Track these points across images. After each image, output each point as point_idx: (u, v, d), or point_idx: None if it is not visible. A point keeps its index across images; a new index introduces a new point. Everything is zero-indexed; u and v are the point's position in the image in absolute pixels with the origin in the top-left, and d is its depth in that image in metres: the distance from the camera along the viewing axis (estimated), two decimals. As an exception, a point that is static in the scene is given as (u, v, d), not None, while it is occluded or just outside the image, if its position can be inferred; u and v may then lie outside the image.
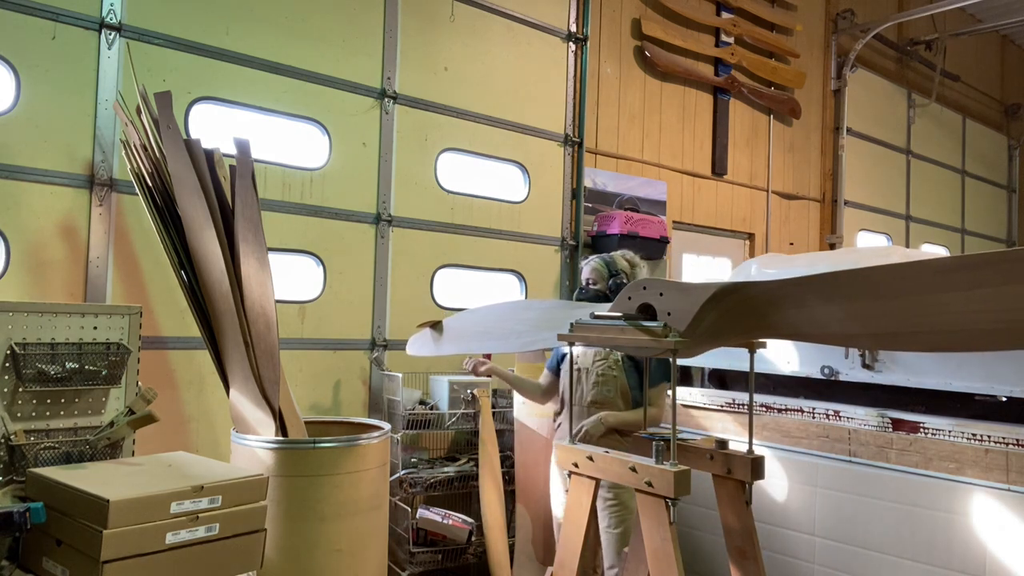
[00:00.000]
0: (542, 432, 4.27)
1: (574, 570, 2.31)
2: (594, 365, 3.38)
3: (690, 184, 6.45)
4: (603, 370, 3.35)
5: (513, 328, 2.72)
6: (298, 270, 4.28)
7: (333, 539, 3.05)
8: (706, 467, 2.26)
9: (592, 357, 3.38)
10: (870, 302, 1.79)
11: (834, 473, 3.64)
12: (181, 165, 3.08)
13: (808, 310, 1.88)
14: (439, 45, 4.85)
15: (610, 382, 3.33)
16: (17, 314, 2.74)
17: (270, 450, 3.03)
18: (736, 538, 2.21)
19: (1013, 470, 3.25)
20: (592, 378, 3.36)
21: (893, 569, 3.57)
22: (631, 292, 2.15)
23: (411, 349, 3.35)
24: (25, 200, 3.40)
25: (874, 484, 3.66)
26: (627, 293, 2.16)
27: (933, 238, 9.23)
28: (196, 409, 3.81)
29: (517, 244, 5.19)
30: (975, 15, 9.31)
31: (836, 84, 7.79)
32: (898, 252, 4.01)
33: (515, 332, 2.68)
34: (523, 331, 2.65)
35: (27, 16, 3.41)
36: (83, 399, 2.88)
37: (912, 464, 3.57)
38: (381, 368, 4.46)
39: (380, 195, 4.54)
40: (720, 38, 6.64)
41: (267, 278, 3.18)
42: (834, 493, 3.65)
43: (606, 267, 3.53)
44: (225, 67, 3.98)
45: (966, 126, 9.89)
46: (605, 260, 3.57)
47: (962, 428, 3.45)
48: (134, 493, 2.25)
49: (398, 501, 4.06)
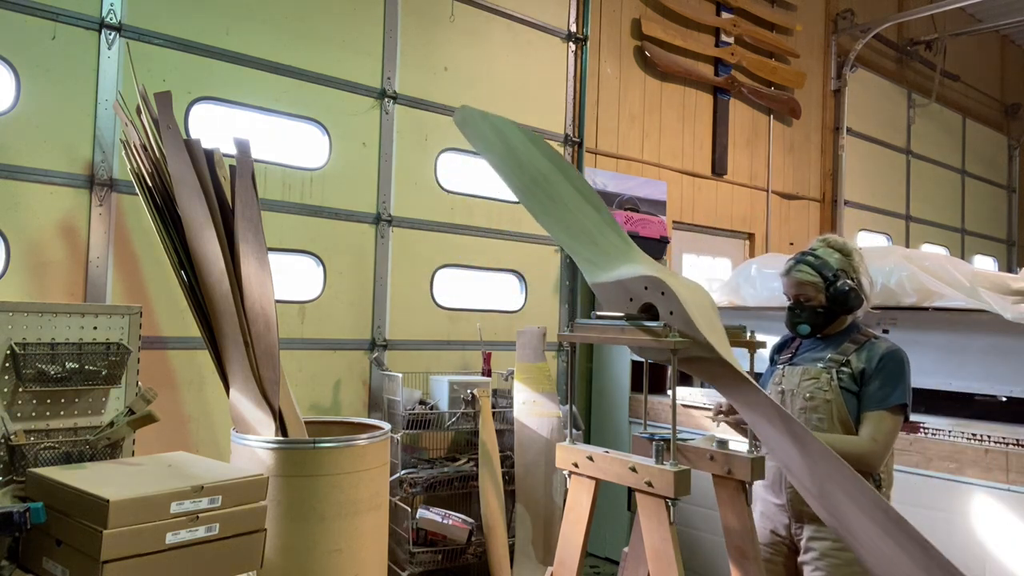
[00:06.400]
0: (542, 432, 4.27)
1: (574, 570, 2.31)
2: (801, 387, 2.57)
3: (690, 184, 6.45)
4: (812, 392, 2.54)
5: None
6: (298, 270, 4.28)
7: (333, 539, 3.05)
8: (706, 467, 2.26)
9: (799, 377, 2.58)
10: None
11: (834, 473, 3.64)
12: (181, 165, 3.08)
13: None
14: (439, 45, 4.85)
15: (821, 408, 2.50)
16: (17, 314, 2.74)
17: (270, 450, 3.03)
18: (736, 538, 2.21)
19: (1013, 470, 3.25)
20: (799, 403, 2.56)
21: (893, 569, 3.56)
22: (631, 293, 2.14)
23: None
24: (25, 200, 3.39)
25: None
26: (628, 294, 2.16)
27: (933, 238, 9.23)
28: (196, 409, 3.81)
29: (517, 244, 5.19)
30: (975, 15, 9.31)
31: (836, 84, 7.79)
32: (898, 252, 4.00)
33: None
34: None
35: (27, 16, 3.41)
36: (83, 399, 2.88)
37: (912, 464, 3.57)
38: (381, 368, 4.46)
39: (380, 195, 4.54)
40: (720, 38, 6.64)
41: (267, 278, 3.18)
42: (834, 493, 3.64)
43: (818, 273, 2.56)
44: (225, 67, 3.98)
45: (966, 126, 9.89)
46: (813, 264, 2.57)
47: (962, 428, 3.45)
48: (134, 493, 2.25)
49: (398, 501, 4.06)
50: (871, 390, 2.45)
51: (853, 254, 2.60)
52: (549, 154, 2.38)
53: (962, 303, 3.54)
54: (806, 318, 2.57)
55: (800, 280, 2.56)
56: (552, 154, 2.39)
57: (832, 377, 2.50)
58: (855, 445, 2.39)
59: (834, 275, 2.53)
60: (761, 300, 4.28)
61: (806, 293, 2.56)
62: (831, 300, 2.53)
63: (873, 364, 2.46)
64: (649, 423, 2.61)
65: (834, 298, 2.52)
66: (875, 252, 4.57)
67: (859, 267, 2.59)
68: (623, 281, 2.15)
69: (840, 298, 2.51)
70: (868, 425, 2.43)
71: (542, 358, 4.40)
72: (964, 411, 3.71)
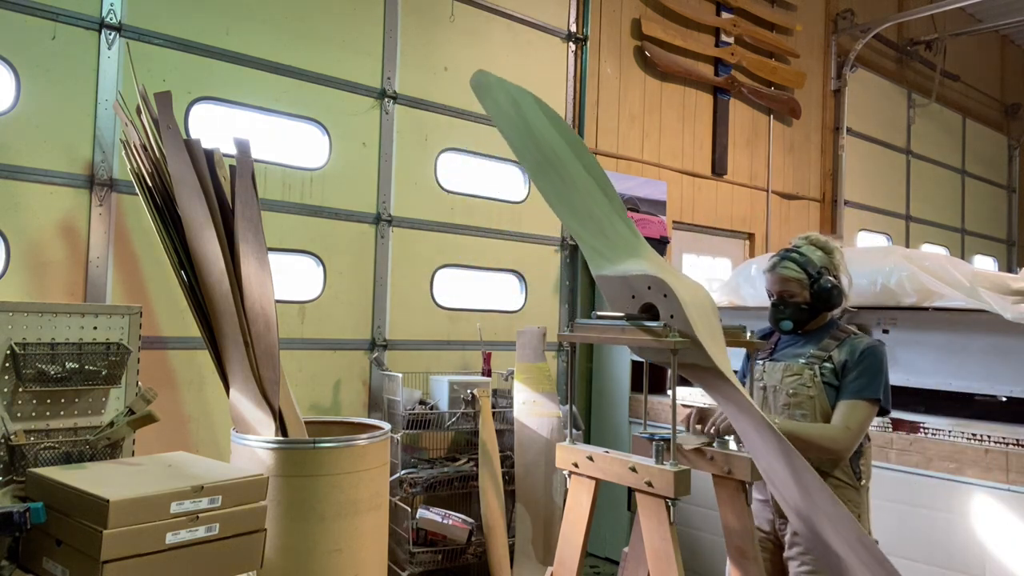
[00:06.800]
0: (542, 432, 4.27)
1: (574, 570, 2.31)
2: (784, 383, 2.57)
3: (690, 184, 6.45)
4: (795, 388, 2.54)
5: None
6: (298, 270, 4.28)
7: (333, 539, 3.05)
8: (706, 467, 2.26)
9: (781, 373, 2.59)
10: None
11: (834, 473, 3.64)
12: (181, 165, 3.08)
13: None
14: (439, 45, 4.85)
15: (805, 404, 2.51)
16: (17, 314, 2.74)
17: (270, 450, 3.03)
18: (736, 538, 2.21)
19: (1013, 470, 3.25)
20: (782, 399, 2.56)
21: (893, 569, 3.56)
22: (634, 290, 2.14)
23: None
24: (25, 200, 3.39)
25: (874, 484, 3.66)
26: (631, 291, 2.15)
27: (933, 238, 9.23)
28: (196, 409, 3.81)
29: (517, 244, 5.20)
30: (975, 15, 9.31)
31: (836, 84, 7.79)
32: (898, 252, 4.00)
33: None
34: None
35: (27, 16, 3.41)
36: (83, 399, 2.88)
37: (912, 464, 3.57)
38: (381, 368, 4.46)
39: (380, 195, 4.54)
40: (720, 38, 6.64)
41: (267, 278, 3.18)
42: (834, 493, 3.64)
43: (803, 270, 2.57)
44: (225, 67, 3.98)
45: (966, 126, 9.89)
46: (797, 260, 2.58)
47: (962, 428, 3.45)
48: (134, 493, 2.25)
49: (398, 501, 4.06)
50: (848, 379, 2.48)
51: (835, 252, 2.63)
52: (566, 133, 2.32)
53: (962, 303, 3.54)
54: (790, 314, 2.59)
55: (785, 276, 2.58)
56: (569, 134, 2.32)
57: (815, 373, 2.52)
58: (829, 432, 2.42)
59: (818, 272, 2.55)
60: (761, 300, 4.26)
61: (790, 289, 2.58)
62: (815, 297, 2.55)
63: (854, 357, 2.50)
64: (649, 423, 2.61)
65: (818, 295, 2.55)
66: (875, 252, 4.57)
67: (839, 265, 2.62)
68: (628, 277, 2.14)
69: (824, 295, 2.54)
70: (842, 413, 2.45)
71: (542, 358, 4.40)
72: (964, 411, 3.71)
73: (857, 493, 2.52)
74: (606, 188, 2.26)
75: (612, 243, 2.23)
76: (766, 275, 2.67)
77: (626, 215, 2.26)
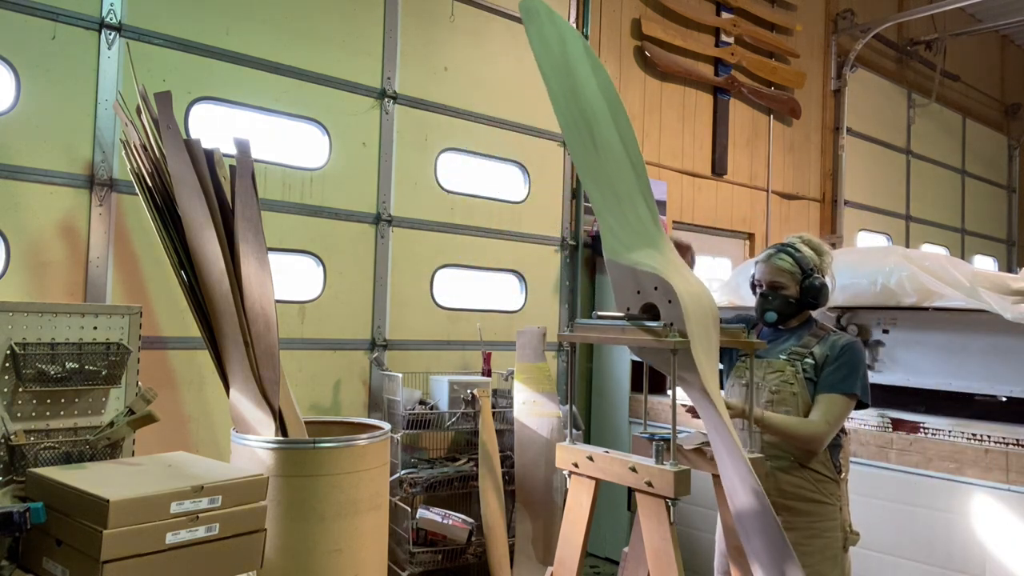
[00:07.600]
0: (542, 432, 4.27)
1: (574, 570, 2.31)
2: (766, 379, 2.59)
3: (690, 184, 6.45)
4: (778, 385, 2.56)
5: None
6: (298, 270, 4.28)
7: (333, 539, 3.05)
8: (706, 467, 2.26)
9: (763, 370, 2.61)
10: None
11: (834, 473, 3.64)
12: (181, 165, 3.08)
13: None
14: (439, 45, 4.85)
15: (788, 400, 2.54)
16: (17, 314, 2.73)
17: (270, 450, 3.03)
18: (736, 538, 2.21)
19: (1013, 470, 3.25)
20: (764, 395, 2.58)
21: (893, 569, 3.57)
22: (640, 285, 2.13)
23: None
24: (25, 200, 3.39)
25: (874, 484, 3.66)
26: (637, 285, 2.14)
27: (933, 238, 9.23)
28: (196, 409, 3.81)
29: (517, 244, 5.20)
30: (975, 15, 9.31)
31: (836, 84, 7.79)
32: (898, 252, 4.00)
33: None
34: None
35: (27, 16, 3.41)
36: (83, 399, 2.88)
37: (912, 464, 3.58)
38: (381, 368, 4.46)
39: (380, 195, 4.54)
40: (720, 38, 6.64)
41: (267, 278, 3.18)
42: (834, 493, 3.64)
43: (797, 264, 2.63)
44: (225, 67, 3.98)
45: (966, 126, 9.89)
46: (793, 255, 2.64)
47: (962, 428, 3.45)
48: (134, 493, 2.25)
49: (398, 501, 4.06)
50: (827, 373, 2.54)
51: (825, 255, 2.73)
52: (607, 90, 2.23)
53: (962, 303, 3.54)
54: (776, 306, 2.64)
55: (779, 267, 2.65)
56: (611, 91, 2.23)
57: (797, 369, 2.57)
58: (809, 426, 2.48)
59: (810, 269, 2.64)
60: (761, 300, 4.27)
61: (782, 281, 2.64)
62: (803, 292, 2.62)
63: (835, 352, 2.56)
64: (649, 423, 2.61)
65: (807, 290, 2.62)
66: (875, 252, 4.57)
67: (827, 268, 2.72)
68: (637, 271, 2.13)
69: (812, 291, 2.62)
70: (821, 407, 2.50)
71: (542, 358, 4.40)
72: (964, 411, 3.71)
73: (837, 486, 2.58)
74: (636, 163, 2.21)
75: (630, 226, 2.19)
76: (759, 265, 2.73)
77: (651, 196, 2.20)
